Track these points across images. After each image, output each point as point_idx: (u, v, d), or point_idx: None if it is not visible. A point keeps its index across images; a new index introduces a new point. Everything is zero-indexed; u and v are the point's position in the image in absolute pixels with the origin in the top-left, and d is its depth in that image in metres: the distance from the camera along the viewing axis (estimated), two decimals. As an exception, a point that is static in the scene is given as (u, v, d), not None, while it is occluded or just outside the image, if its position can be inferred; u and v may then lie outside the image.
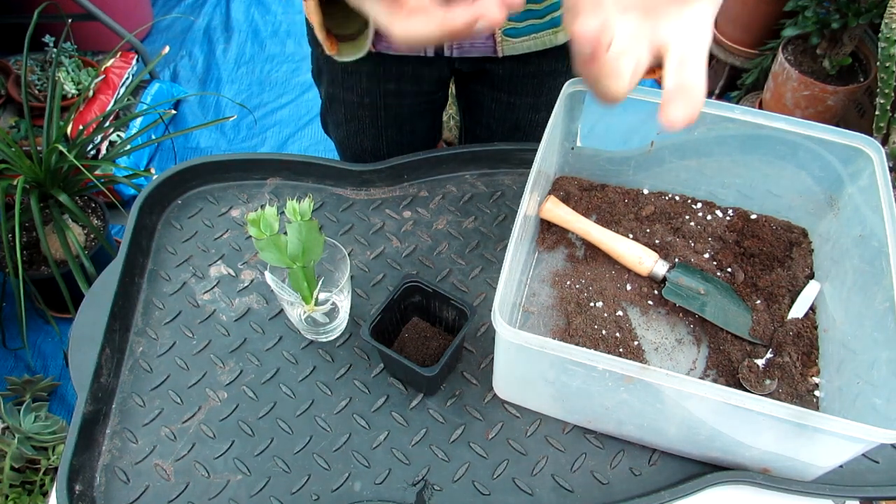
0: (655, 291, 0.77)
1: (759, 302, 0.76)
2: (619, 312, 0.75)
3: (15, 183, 1.34)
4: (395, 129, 0.99)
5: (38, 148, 1.44)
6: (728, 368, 0.72)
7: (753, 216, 0.83)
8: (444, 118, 1.76)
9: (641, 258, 0.76)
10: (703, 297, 0.75)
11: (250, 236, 0.79)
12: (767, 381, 0.70)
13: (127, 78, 2.02)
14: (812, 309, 0.76)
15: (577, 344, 0.71)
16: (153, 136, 1.92)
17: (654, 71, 0.56)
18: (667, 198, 0.86)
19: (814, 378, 0.71)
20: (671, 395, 0.59)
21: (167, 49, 1.79)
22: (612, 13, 0.51)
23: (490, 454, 0.70)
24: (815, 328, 0.74)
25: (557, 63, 0.93)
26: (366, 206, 0.89)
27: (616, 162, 0.83)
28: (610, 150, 0.82)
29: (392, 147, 1.02)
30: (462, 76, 0.98)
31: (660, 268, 0.76)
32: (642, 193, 0.85)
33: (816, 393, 0.70)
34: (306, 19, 0.91)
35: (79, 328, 0.75)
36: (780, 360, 0.71)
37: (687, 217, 0.83)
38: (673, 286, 0.75)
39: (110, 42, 2.05)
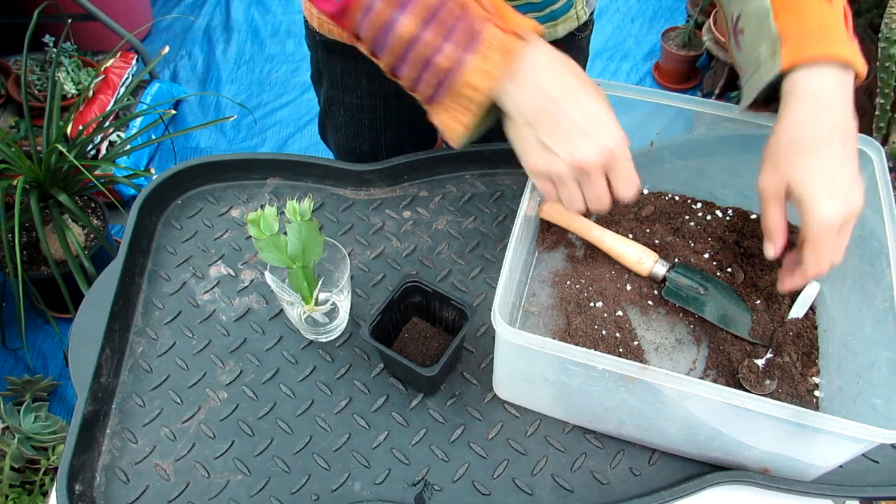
0: (655, 291, 0.77)
1: (758, 302, 0.76)
2: (619, 312, 0.75)
3: (15, 183, 1.34)
4: (394, 132, 0.99)
5: (38, 148, 1.44)
6: (728, 368, 0.72)
7: (753, 216, 0.83)
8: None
9: (641, 258, 0.76)
10: (702, 297, 0.75)
11: (250, 236, 0.79)
12: (767, 381, 0.70)
13: (127, 78, 2.02)
14: (812, 309, 0.76)
15: (577, 344, 0.71)
16: (153, 136, 1.92)
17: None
18: (667, 198, 0.86)
19: (814, 378, 0.71)
20: (671, 395, 0.59)
21: (167, 49, 1.79)
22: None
23: (490, 454, 0.70)
24: (815, 328, 0.74)
25: None
26: (366, 206, 0.89)
27: (616, 162, 0.83)
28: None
29: (391, 150, 1.02)
30: None
31: (660, 268, 0.76)
32: (642, 193, 0.85)
33: (816, 393, 0.70)
34: (305, 20, 0.91)
35: (79, 328, 0.75)
36: (780, 360, 0.71)
37: (687, 217, 0.83)
38: (673, 286, 0.75)
39: (110, 42, 2.05)
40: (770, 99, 0.66)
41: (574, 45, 0.92)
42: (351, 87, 0.94)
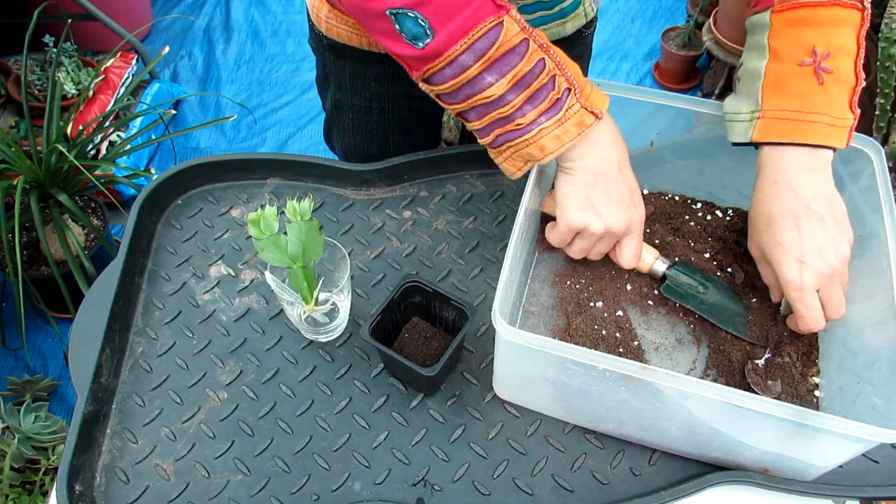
0: (655, 291, 0.77)
1: (754, 300, 0.76)
2: (619, 312, 0.75)
3: (15, 183, 1.34)
4: (402, 134, 0.99)
5: (38, 148, 1.44)
6: (728, 368, 0.72)
7: (753, 216, 0.83)
8: (444, 118, 1.76)
9: (642, 255, 0.76)
10: (702, 295, 0.75)
11: (250, 236, 0.79)
12: (770, 382, 0.70)
13: (127, 78, 2.02)
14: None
15: (577, 344, 0.71)
16: (153, 136, 1.92)
17: None
18: (667, 198, 0.86)
19: (814, 378, 0.71)
20: (671, 395, 0.59)
21: (167, 49, 1.79)
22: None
23: (490, 454, 0.70)
24: (815, 328, 0.74)
25: None
26: (366, 206, 0.89)
27: (616, 162, 0.83)
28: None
29: (398, 152, 1.02)
30: None
31: (660, 265, 0.76)
32: (642, 193, 0.85)
33: (816, 393, 0.70)
34: (310, 24, 0.91)
35: (79, 328, 0.75)
36: (780, 360, 0.71)
37: (687, 217, 0.83)
38: (672, 284, 0.75)
39: (110, 42, 2.05)
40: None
41: (581, 41, 0.92)
42: (360, 90, 0.93)
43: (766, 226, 0.67)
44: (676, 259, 0.78)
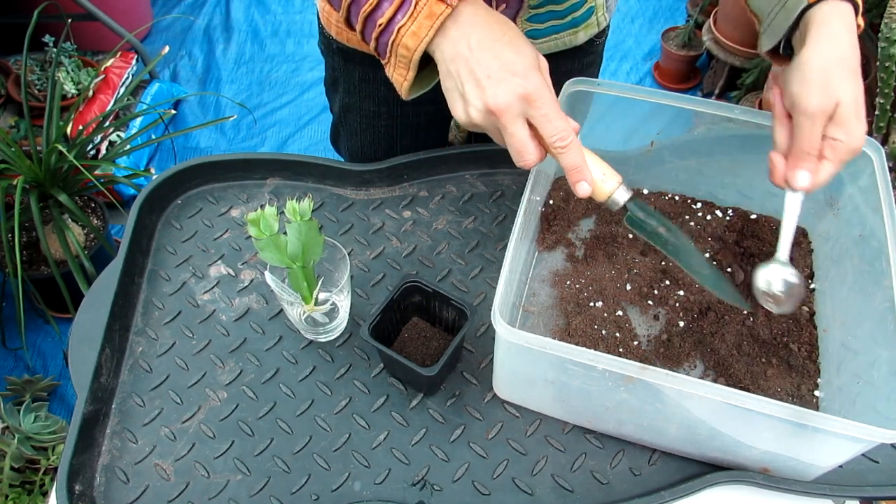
0: (655, 291, 0.77)
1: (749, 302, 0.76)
2: (619, 312, 0.75)
3: (15, 183, 1.34)
4: (409, 138, 0.98)
5: (38, 148, 1.44)
6: (728, 369, 0.72)
7: (753, 216, 0.83)
8: (452, 122, 1.76)
9: (605, 174, 0.65)
10: (666, 235, 0.69)
11: (250, 236, 0.79)
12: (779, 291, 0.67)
13: (127, 78, 2.02)
14: (812, 310, 0.76)
15: (576, 344, 0.71)
16: (153, 136, 1.92)
17: None
18: (667, 198, 0.86)
19: (814, 378, 0.71)
20: (671, 395, 0.59)
21: (167, 49, 1.79)
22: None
23: (490, 454, 0.70)
24: (815, 328, 0.74)
25: (574, 63, 0.92)
26: (366, 206, 0.89)
27: (616, 162, 0.83)
28: (610, 150, 0.82)
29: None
30: None
31: (622, 193, 0.65)
32: (642, 193, 0.85)
33: (816, 393, 0.70)
34: (320, 27, 0.91)
35: (79, 328, 0.75)
36: (784, 351, 0.71)
37: (687, 217, 0.83)
38: (635, 217, 0.68)
39: (110, 42, 2.05)
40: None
41: (592, 50, 0.92)
42: (369, 94, 0.93)
43: (848, 73, 0.60)
44: (635, 191, 0.70)
